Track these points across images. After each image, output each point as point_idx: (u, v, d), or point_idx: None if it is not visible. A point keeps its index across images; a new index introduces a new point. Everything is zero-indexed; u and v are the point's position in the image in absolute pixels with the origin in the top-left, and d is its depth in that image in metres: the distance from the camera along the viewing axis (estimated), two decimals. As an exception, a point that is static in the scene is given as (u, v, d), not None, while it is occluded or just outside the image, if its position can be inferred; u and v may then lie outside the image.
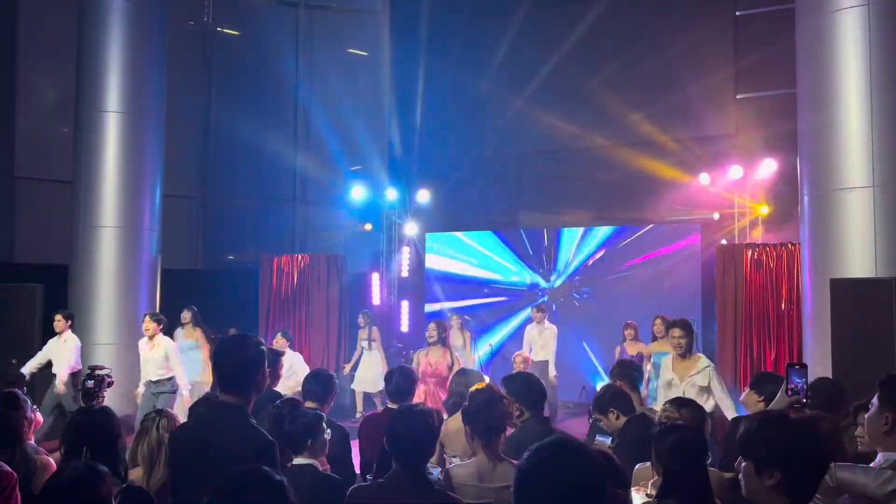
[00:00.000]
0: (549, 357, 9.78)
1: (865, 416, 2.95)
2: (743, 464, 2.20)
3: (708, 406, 5.45)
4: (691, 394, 5.38)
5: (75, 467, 2.69)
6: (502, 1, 12.65)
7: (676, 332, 5.74)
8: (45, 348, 8.15)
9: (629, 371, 4.98)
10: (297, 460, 3.53)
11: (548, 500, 1.71)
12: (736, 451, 2.30)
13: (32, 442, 4.04)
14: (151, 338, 7.94)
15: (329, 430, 3.73)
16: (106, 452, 3.17)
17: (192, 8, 12.75)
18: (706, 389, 5.57)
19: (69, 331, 8.16)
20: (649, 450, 3.01)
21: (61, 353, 8.07)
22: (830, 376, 5.44)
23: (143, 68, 9.38)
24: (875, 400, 2.85)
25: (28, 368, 8.02)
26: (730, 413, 5.54)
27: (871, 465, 2.80)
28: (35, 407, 4.25)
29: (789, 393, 3.08)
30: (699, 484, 2.72)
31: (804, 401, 3.08)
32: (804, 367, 3.13)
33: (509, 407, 3.55)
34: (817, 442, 2.17)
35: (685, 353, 5.70)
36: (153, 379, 7.85)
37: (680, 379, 5.62)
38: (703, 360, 5.70)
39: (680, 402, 3.84)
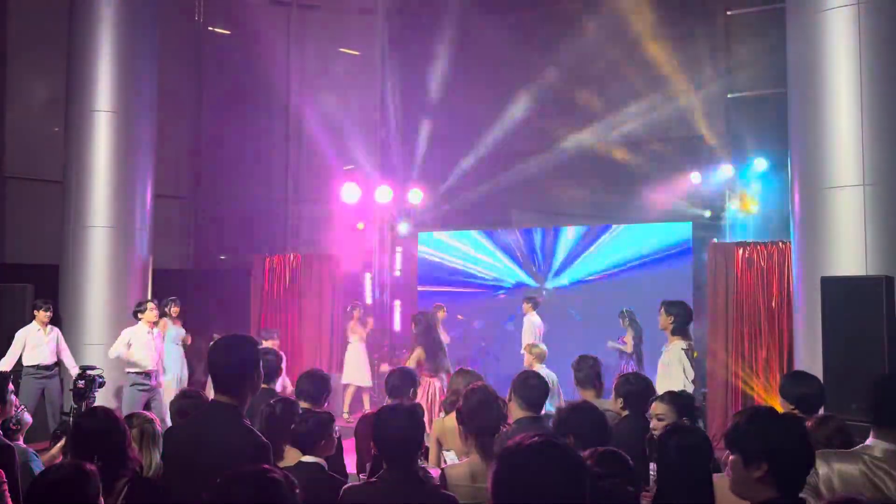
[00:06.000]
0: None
1: None
2: (731, 457, 2.25)
3: (677, 383, 5.53)
4: (674, 365, 5.67)
5: (61, 466, 2.67)
6: (495, 1, 12.64)
7: None
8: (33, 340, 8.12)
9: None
10: (305, 458, 3.53)
11: (525, 497, 1.70)
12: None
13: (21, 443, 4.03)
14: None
15: (337, 430, 3.76)
16: (117, 456, 3.07)
17: (183, 7, 12.69)
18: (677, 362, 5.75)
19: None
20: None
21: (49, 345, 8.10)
22: (821, 374, 5.46)
23: (133, 67, 9.32)
24: None
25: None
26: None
27: None
28: (23, 407, 4.22)
29: None
30: (702, 485, 2.74)
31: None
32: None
33: (504, 408, 3.55)
34: (803, 435, 2.25)
35: (667, 331, 5.89)
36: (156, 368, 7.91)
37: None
38: (679, 341, 5.87)
39: None
